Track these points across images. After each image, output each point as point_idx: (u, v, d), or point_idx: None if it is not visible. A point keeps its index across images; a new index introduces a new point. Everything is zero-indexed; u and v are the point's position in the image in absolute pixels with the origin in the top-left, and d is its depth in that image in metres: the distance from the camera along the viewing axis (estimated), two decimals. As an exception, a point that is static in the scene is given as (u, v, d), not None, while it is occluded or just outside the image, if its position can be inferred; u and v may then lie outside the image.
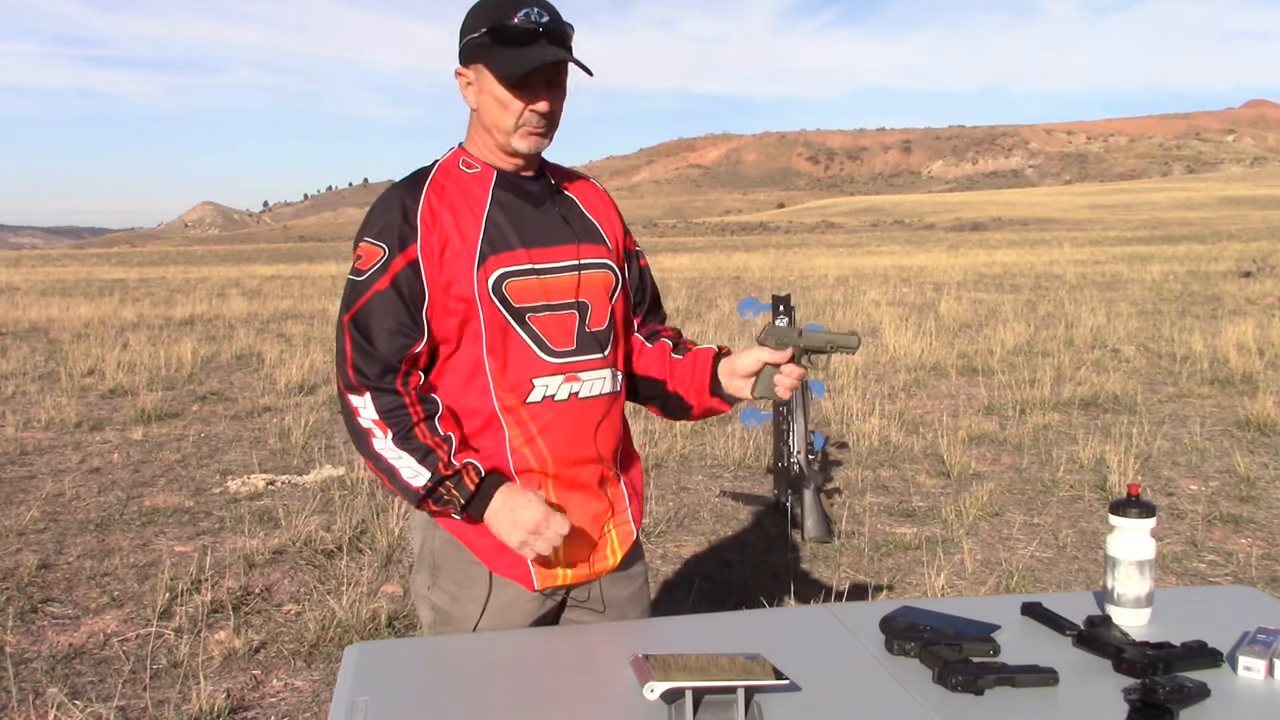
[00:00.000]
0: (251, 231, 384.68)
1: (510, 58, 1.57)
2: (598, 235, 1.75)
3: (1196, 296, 15.66)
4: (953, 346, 10.36)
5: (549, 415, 1.65)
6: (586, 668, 1.47)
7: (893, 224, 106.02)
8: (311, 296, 19.64)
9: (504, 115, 1.61)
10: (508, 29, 1.57)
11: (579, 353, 1.67)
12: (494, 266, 1.60)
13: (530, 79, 1.59)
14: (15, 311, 16.41)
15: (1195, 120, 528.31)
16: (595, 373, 1.68)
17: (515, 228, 1.64)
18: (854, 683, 1.40)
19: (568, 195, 1.76)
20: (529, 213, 1.67)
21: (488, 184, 1.67)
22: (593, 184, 1.84)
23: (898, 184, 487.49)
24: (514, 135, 1.63)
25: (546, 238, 1.67)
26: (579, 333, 1.67)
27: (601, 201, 1.82)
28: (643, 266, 1.87)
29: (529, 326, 1.63)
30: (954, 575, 4.10)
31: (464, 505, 1.58)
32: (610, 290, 1.73)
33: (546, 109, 1.61)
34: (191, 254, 66.96)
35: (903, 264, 27.89)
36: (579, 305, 1.67)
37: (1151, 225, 68.60)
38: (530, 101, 1.60)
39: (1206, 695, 1.30)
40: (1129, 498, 1.60)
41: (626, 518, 1.79)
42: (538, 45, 1.57)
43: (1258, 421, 6.58)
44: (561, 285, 1.66)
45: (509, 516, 1.57)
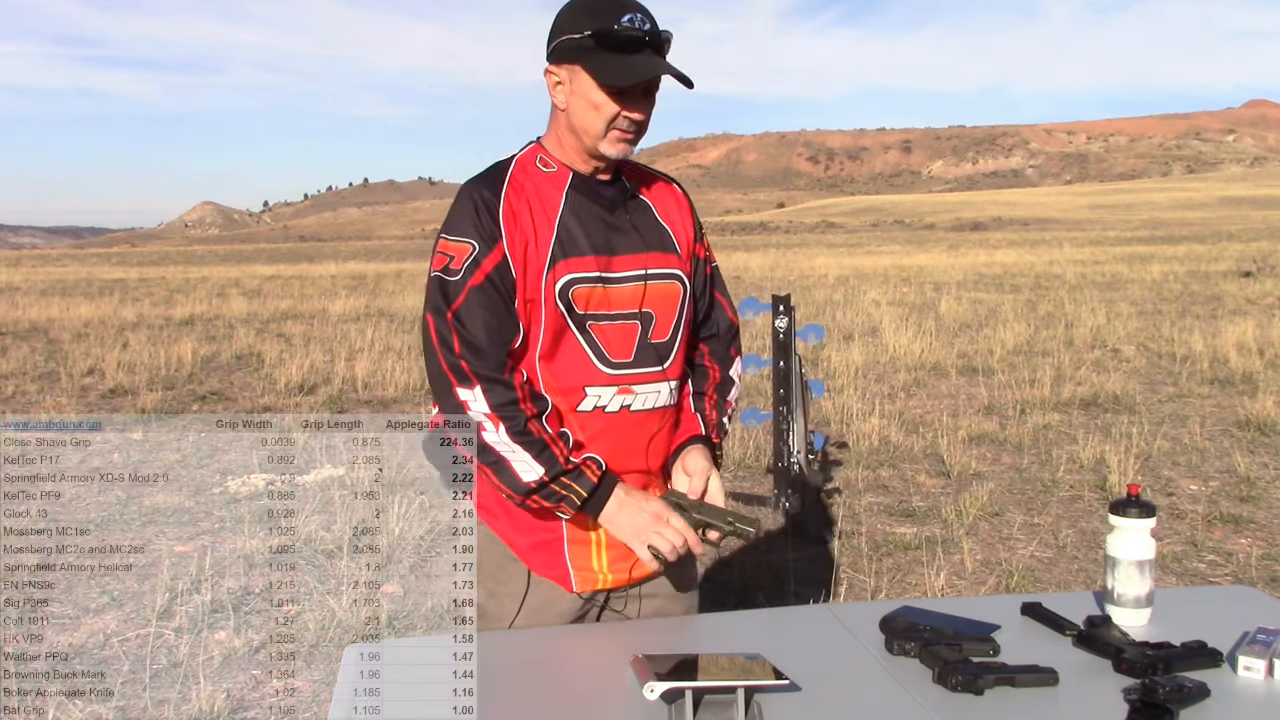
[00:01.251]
0: (251, 231, 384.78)
1: (615, 65, 1.56)
2: (669, 243, 1.72)
3: (1196, 296, 15.66)
4: (953, 346, 10.36)
5: (598, 425, 1.64)
6: (586, 668, 1.48)
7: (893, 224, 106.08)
8: (311, 296, 19.64)
9: (596, 119, 1.59)
10: (613, 35, 1.55)
11: (636, 365, 1.65)
12: (563, 271, 1.59)
13: (632, 87, 1.58)
14: (15, 311, 16.41)
15: (1195, 120, 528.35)
16: (651, 386, 1.67)
17: (586, 233, 1.62)
18: (854, 683, 1.40)
19: (642, 199, 1.73)
20: (601, 218, 1.65)
21: (562, 185, 1.65)
22: (671, 187, 1.80)
23: (898, 184, 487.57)
24: (603, 140, 1.61)
25: (616, 245, 1.65)
26: (639, 344, 1.65)
27: (678, 205, 1.78)
28: (708, 275, 1.82)
29: (589, 334, 1.62)
30: (954, 575, 4.10)
31: (583, 500, 1.57)
32: (678, 302, 1.70)
33: (643, 117, 1.61)
34: (191, 254, 67.01)
35: (903, 264, 27.89)
36: (642, 316, 1.66)
37: (1151, 225, 68.63)
38: (627, 108, 1.59)
39: (1206, 695, 1.30)
40: (1129, 498, 1.60)
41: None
42: (643, 54, 1.55)
43: (1258, 421, 6.58)
44: (627, 295, 1.64)
45: (631, 508, 1.57)
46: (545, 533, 1.66)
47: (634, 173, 1.75)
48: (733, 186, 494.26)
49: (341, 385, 8.52)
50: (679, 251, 1.73)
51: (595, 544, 1.67)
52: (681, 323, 1.71)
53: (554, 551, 1.66)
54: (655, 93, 1.63)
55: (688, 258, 1.75)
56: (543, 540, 1.66)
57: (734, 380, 1.86)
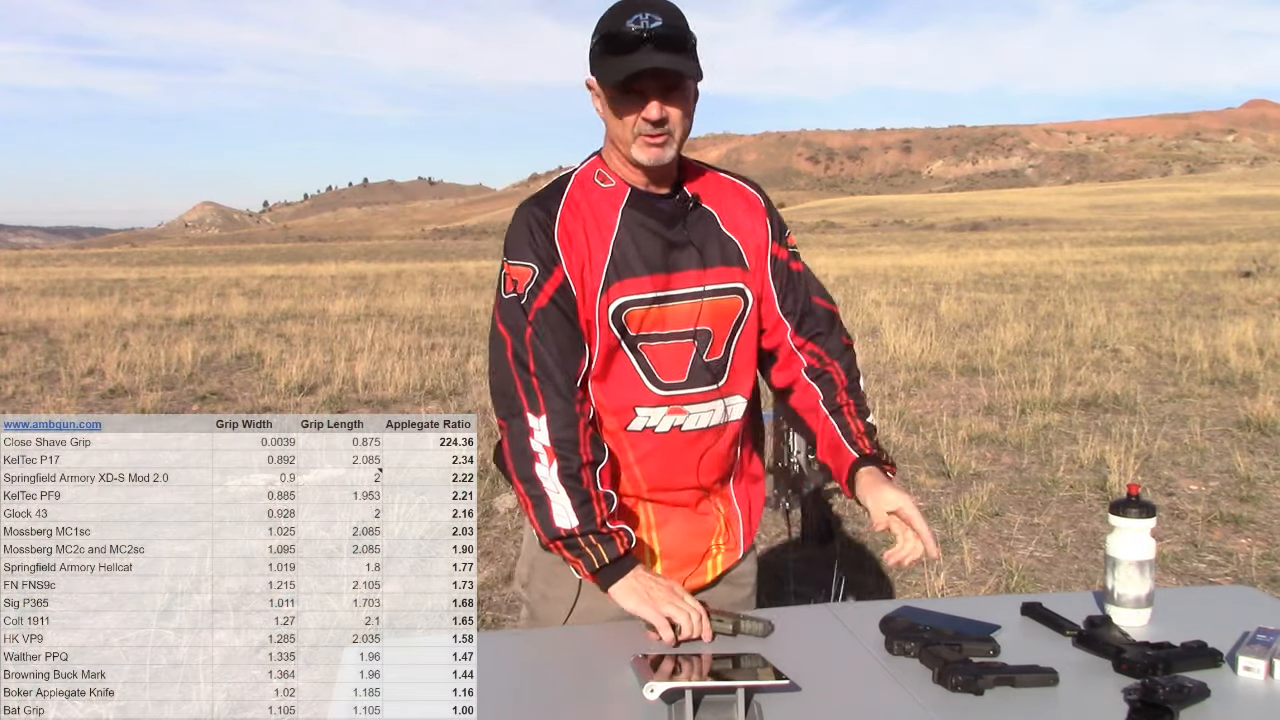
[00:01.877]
0: (251, 231, 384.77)
1: (612, 65, 1.53)
2: (732, 256, 1.67)
3: (1196, 296, 15.66)
4: (953, 346, 10.35)
5: (648, 445, 1.64)
6: (586, 668, 1.48)
7: (893, 224, 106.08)
8: (311, 296, 19.64)
9: (621, 126, 1.57)
10: (615, 36, 1.52)
11: (689, 385, 1.63)
12: (616, 294, 1.58)
13: (638, 86, 1.53)
14: (15, 311, 16.40)
15: (1195, 120, 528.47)
16: (704, 405, 1.65)
17: (642, 252, 1.59)
18: (854, 683, 1.40)
19: (706, 210, 1.67)
20: (658, 235, 1.61)
21: (619, 203, 1.62)
22: (742, 189, 1.75)
23: (898, 184, 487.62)
24: (633, 145, 1.57)
25: (673, 263, 1.61)
26: (693, 363, 1.63)
27: (748, 211, 1.72)
28: (796, 271, 1.75)
29: (640, 355, 1.60)
30: (954, 575, 4.10)
31: (602, 565, 1.54)
32: (736, 318, 1.67)
33: (657, 116, 1.54)
34: (191, 254, 67.00)
35: (903, 264, 27.89)
36: (698, 334, 1.63)
37: (1151, 225, 68.63)
38: (640, 110, 1.54)
39: (1206, 695, 1.30)
40: (1129, 498, 1.60)
41: (737, 541, 1.77)
42: (641, 52, 1.50)
43: (1258, 421, 6.58)
44: (683, 313, 1.62)
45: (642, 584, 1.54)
46: None
47: (699, 180, 1.70)
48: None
49: (341, 385, 8.51)
50: (745, 263, 1.68)
51: (648, 548, 1.69)
52: (736, 338, 1.67)
53: None
54: (682, 91, 1.57)
55: (758, 267, 1.70)
56: None
57: (859, 371, 1.78)
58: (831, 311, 1.78)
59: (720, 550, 1.75)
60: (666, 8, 1.54)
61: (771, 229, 1.72)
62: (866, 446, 1.68)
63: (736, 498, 1.78)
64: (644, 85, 1.53)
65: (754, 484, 1.82)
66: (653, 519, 1.70)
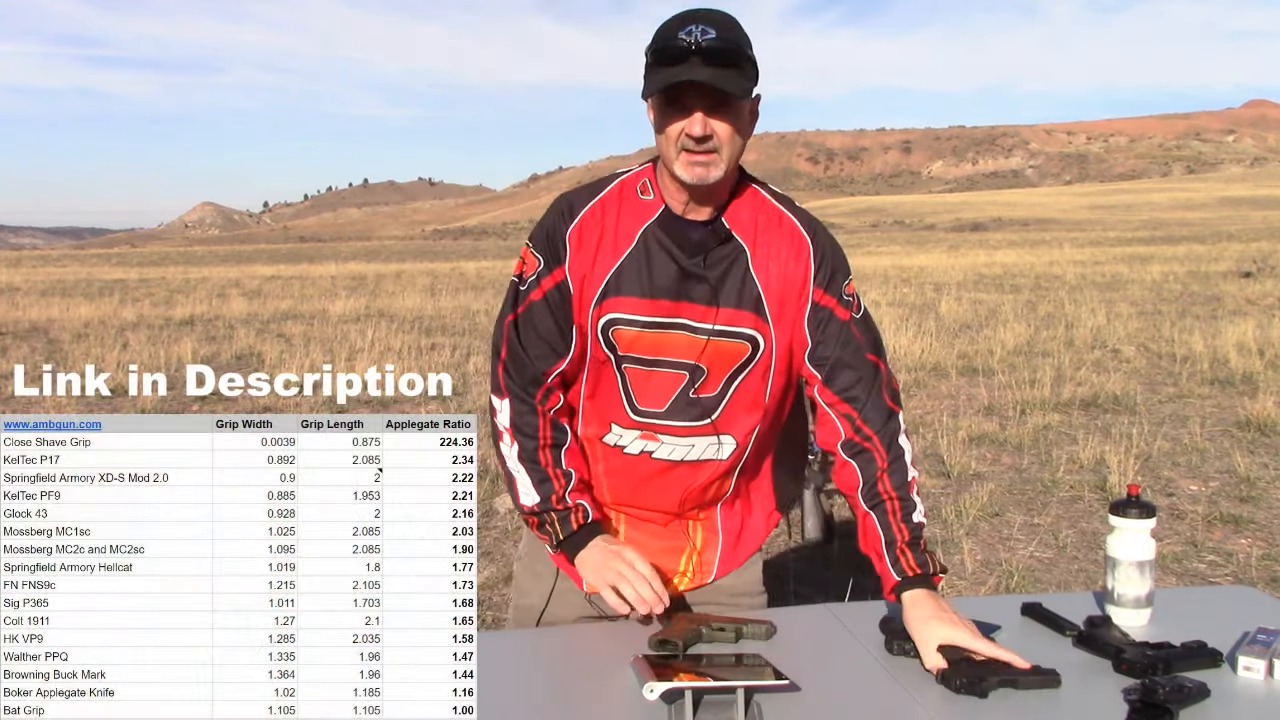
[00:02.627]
0: (251, 232, 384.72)
1: (658, 76, 1.46)
2: (750, 301, 1.56)
3: (1196, 297, 15.65)
4: (953, 347, 10.35)
5: (616, 461, 1.66)
6: (586, 668, 1.48)
7: (893, 224, 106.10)
8: (311, 297, 19.64)
9: (664, 140, 1.51)
10: (665, 48, 1.45)
11: (667, 417, 1.60)
12: (609, 309, 1.56)
13: (681, 100, 1.46)
14: (15, 311, 16.40)
15: (1195, 120, 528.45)
16: (683, 440, 1.61)
17: (651, 275, 1.55)
18: (854, 683, 1.40)
19: (738, 246, 1.57)
20: (675, 261, 1.55)
21: (646, 219, 1.57)
22: (793, 227, 1.60)
23: (898, 184, 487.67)
24: (676, 162, 1.49)
25: (683, 293, 1.55)
26: (678, 397, 1.59)
27: (791, 253, 1.58)
28: (841, 320, 1.59)
29: (624, 376, 1.59)
30: (954, 575, 4.10)
31: (559, 542, 1.61)
32: (740, 363, 1.59)
33: (701, 132, 1.46)
34: (191, 254, 66.98)
35: (903, 264, 27.88)
36: (693, 368, 1.58)
37: (1151, 225, 68.63)
38: (687, 125, 1.46)
39: (1206, 695, 1.30)
40: (1129, 498, 1.60)
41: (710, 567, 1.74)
42: (687, 64, 1.43)
43: (1258, 421, 6.58)
44: (680, 345, 1.57)
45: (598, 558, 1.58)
46: None
47: (747, 211, 1.59)
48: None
49: (342, 385, 8.49)
50: (764, 310, 1.57)
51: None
52: (738, 381, 1.59)
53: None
54: (732, 108, 1.48)
55: (785, 315, 1.58)
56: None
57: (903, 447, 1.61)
58: (877, 367, 1.61)
59: (687, 571, 1.73)
60: (722, 20, 1.46)
61: (817, 273, 1.59)
62: (910, 565, 1.51)
63: (722, 523, 1.74)
64: (689, 99, 1.46)
65: (751, 513, 1.77)
66: (624, 529, 1.73)
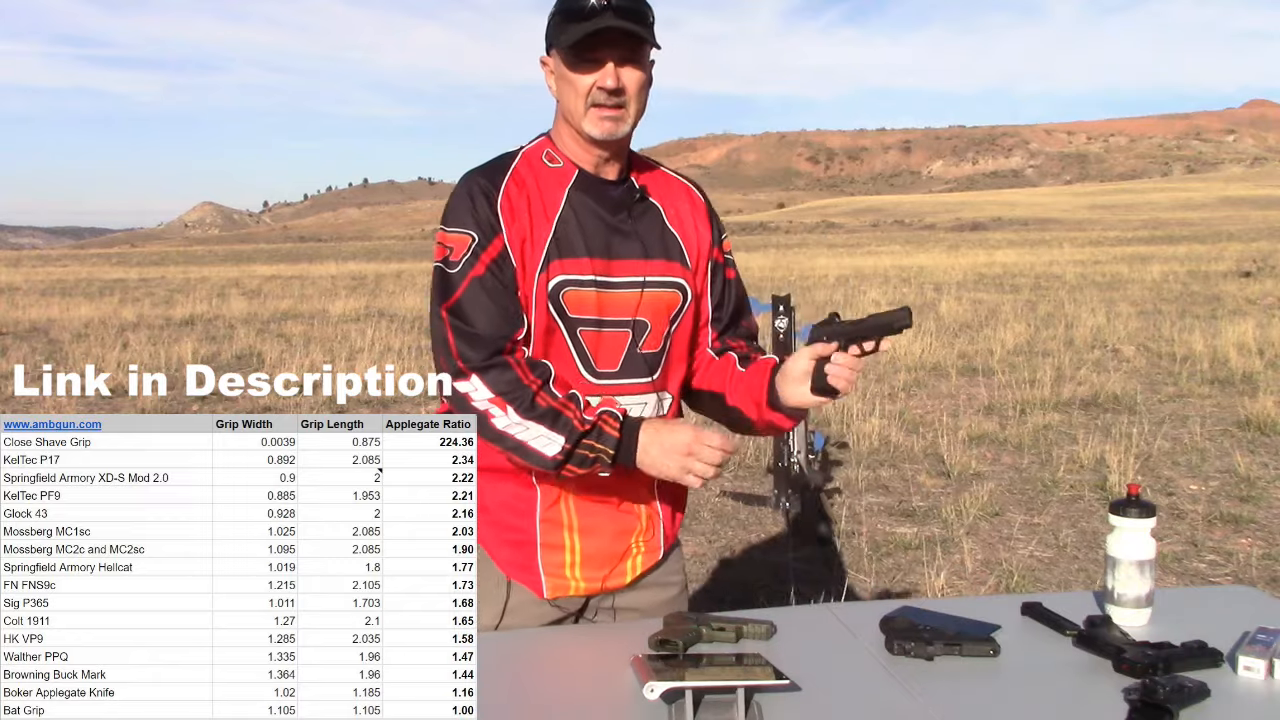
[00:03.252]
0: (251, 232, 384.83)
1: (572, 29, 1.52)
2: (675, 251, 1.66)
3: (1196, 296, 15.66)
4: (953, 346, 10.36)
5: None
6: (586, 668, 1.48)
7: (893, 224, 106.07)
8: (311, 296, 19.65)
9: (574, 97, 1.56)
10: (576, 5, 1.52)
11: (623, 375, 1.61)
12: (556, 272, 1.56)
13: (595, 52, 1.52)
14: (15, 311, 16.41)
15: (1195, 120, 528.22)
16: (636, 398, 1.63)
17: (585, 234, 1.58)
18: (854, 683, 1.40)
19: (652, 204, 1.67)
20: (603, 220, 1.61)
21: (566, 182, 1.61)
22: (688, 188, 1.75)
23: (898, 184, 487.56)
24: (585, 118, 1.55)
25: (615, 250, 1.60)
26: (628, 353, 1.61)
27: (693, 210, 1.72)
28: (730, 279, 1.76)
29: (578, 340, 1.59)
30: (954, 575, 4.10)
31: (613, 455, 1.52)
32: (673, 312, 1.65)
33: (615, 85, 1.53)
34: (191, 254, 66.98)
35: (903, 264, 27.89)
36: (635, 324, 1.61)
37: (1152, 225, 68.61)
38: (600, 78, 1.53)
39: (1206, 695, 1.30)
40: (1129, 498, 1.60)
41: (657, 541, 1.73)
42: (600, 17, 1.50)
43: (1258, 421, 6.58)
44: (621, 302, 1.60)
45: (660, 447, 1.52)
46: (518, 533, 1.64)
47: (647, 174, 1.70)
48: (733, 186, 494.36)
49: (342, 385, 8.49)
50: (687, 261, 1.67)
51: (569, 550, 1.65)
52: (673, 332, 1.66)
53: (527, 555, 1.65)
54: (639, 63, 1.56)
55: (698, 267, 1.70)
56: (515, 541, 1.64)
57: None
58: (753, 331, 1.80)
59: (640, 550, 1.71)
60: None
61: (713, 231, 1.73)
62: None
63: (659, 497, 1.74)
64: (601, 52, 1.53)
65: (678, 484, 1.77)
66: (575, 520, 1.65)
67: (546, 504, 1.64)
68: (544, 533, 1.64)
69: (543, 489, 1.63)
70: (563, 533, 1.65)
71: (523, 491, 1.64)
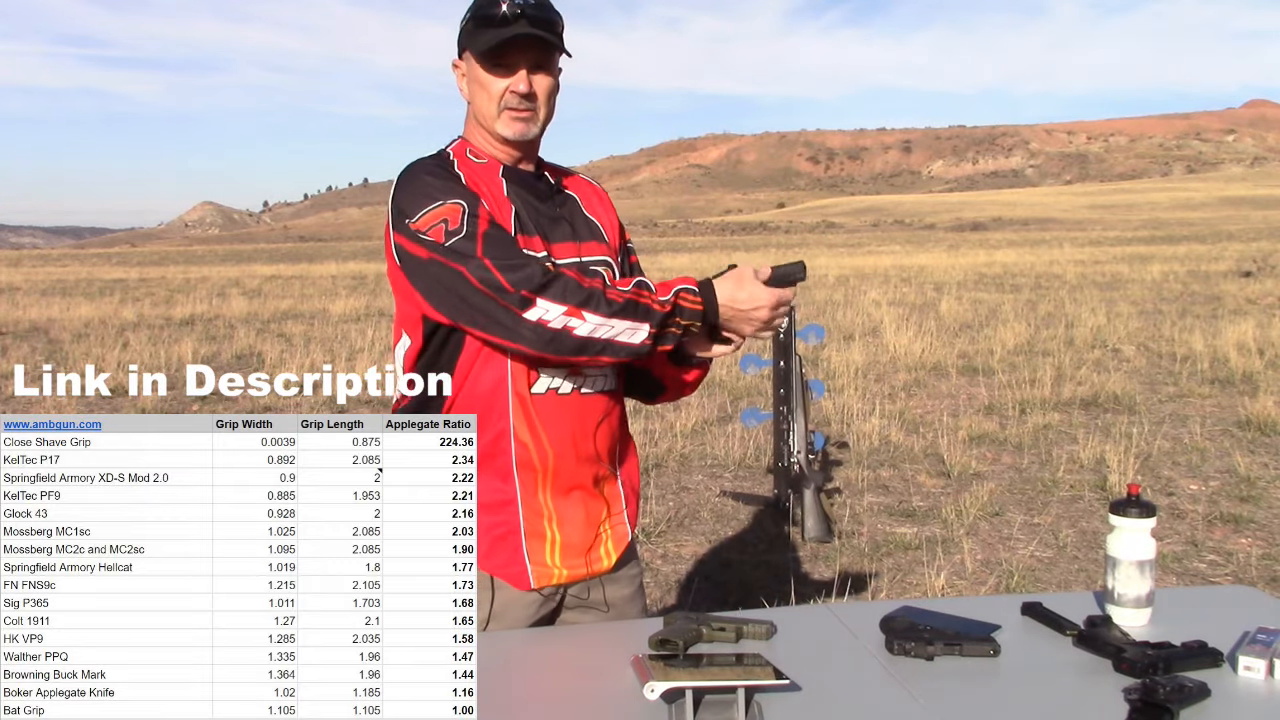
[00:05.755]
0: (251, 231, 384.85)
1: (486, 36, 1.60)
2: (599, 233, 1.76)
3: (1197, 296, 15.66)
4: (953, 346, 10.35)
5: (552, 407, 1.64)
6: (586, 668, 1.48)
7: (893, 224, 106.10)
8: (312, 296, 19.64)
9: (487, 100, 1.64)
10: (490, 13, 1.60)
11: None
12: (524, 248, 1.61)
13: (508, 58, 1.61)
14: (16, 311, 16.41)
15: (1195, 120, 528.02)
16: (596, 369, 1.68)
17: (530, 218, 1.65)
18: (854, 683, 1.40)
19: (568, 193, 1.78)
20: (536, 207, 1.68)
21: (497, 172, 1.67)
22: (589, 182, 1.86)
23: (898, 184, 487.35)
24: (498, 120, 1.64)
25: (551, 234, 1.67)
26: None
27: (600, 200, 1.83)
28: (633, 262, 1.88)
29: None
30: (954, 575, 4.10)
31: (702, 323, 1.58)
32: None
33: (526, 89, 1.62)
34: (191, 254, 66.99)
35: (903, 264, 27.89)
36: None
37: (1152, 225, 68.61)
38: (512, 82, 1.62)
39: (1206, 695, 1.30)
40: (1129, 498, 1.60)
41: (623, 519, 1.78)
42: (514, 25, 1.59)
43: (1258, 421, 6.58)
44: None
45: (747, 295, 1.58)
46: (500, 527, 1.66)
47: (555, 171, 1.79)
48: (733, 186, 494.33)
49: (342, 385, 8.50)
50: (609, 242, 1.77)
51: (550, 540, 1.68)
52: None
53: (512, 546, 1.66)
54: (550, 69, 1.65)
55: (616, 249, 1.80)
56: (498, 536, 1.66)
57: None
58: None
59: (608, 532, 1.74)
60: None
61: (618, 219, 1.85)
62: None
63: (621, 478, 1.79)
64: (514, 58, 1.61)
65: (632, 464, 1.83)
66: (553, 510, 1.67)
67: (526, 496, 1.66)
68: (526, 522, 1.66)
69: (522, 481, 1.65)
70: (543, 523, 1.68)
71: (502, 485, 1.65)
